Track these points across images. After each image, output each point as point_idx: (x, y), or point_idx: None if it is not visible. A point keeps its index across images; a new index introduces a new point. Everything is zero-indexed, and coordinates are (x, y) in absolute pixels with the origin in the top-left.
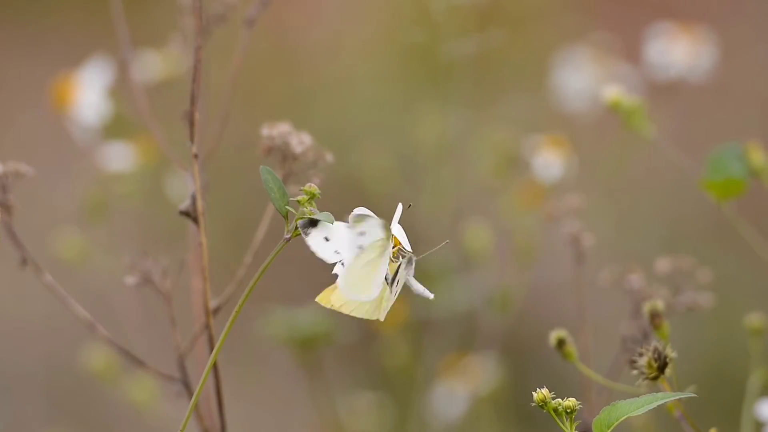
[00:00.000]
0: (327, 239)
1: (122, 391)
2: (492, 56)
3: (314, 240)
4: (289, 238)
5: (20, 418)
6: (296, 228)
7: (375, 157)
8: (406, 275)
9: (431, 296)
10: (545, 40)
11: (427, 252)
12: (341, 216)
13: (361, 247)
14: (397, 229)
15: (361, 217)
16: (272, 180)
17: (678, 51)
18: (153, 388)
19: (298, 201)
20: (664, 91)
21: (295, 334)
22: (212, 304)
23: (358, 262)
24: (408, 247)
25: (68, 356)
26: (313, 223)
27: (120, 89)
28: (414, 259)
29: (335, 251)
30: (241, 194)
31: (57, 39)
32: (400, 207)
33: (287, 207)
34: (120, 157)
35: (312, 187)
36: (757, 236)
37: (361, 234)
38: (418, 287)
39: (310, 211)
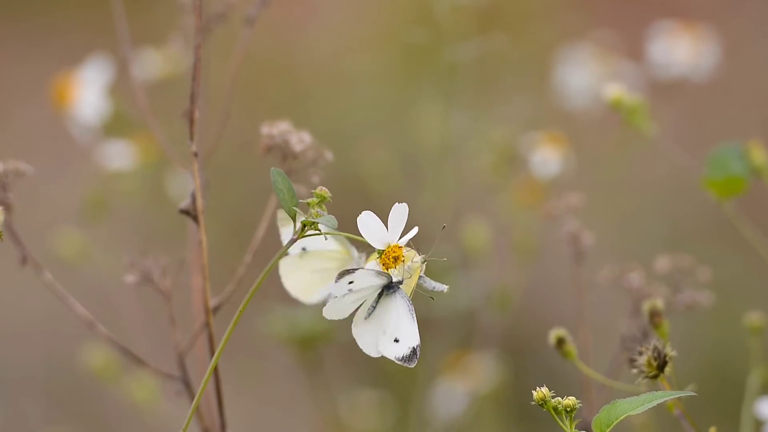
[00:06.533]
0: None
1: (122, 389)
2: (493, 55)
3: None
4: (296, 239)
5: (20, 418)
6: (302, 229)
7: (376, 155)
8: (418, 280)
9: (445, 288)
10: (546, 39)
11: (429, 254)
12: (342, 215)
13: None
14: (404, 240)
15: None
16: (282, 181)
17: (681, 50)
18: (153, 386)
19: (308, 203)
20: (666, 90)
21: (295, 332)
22: (212, 302)
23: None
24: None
25: (68, 356)
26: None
27: (120, 88)
28: (424, 263)
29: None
30: (241, 193)
31: (56, 37)
32: (416, 229)
33: (295, 209)
34: (120, 156)
35: (323, 190)
36: (758, 235)
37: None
38: (431, 284)
39: (317, 212)
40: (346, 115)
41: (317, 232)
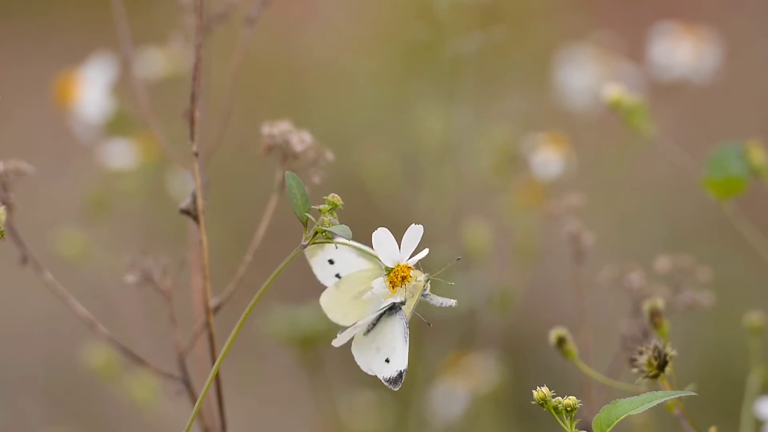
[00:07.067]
0: (331, 262)
1: (123, 389)
2: (494, 54)
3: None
4: (306, 245)
5: (20, 418)
6: (314, 235)
7: (375, 156)
8: (420, 297)
9: (453, 304)
10: (547, 39)
11: (435, 274)
12: (342, 216)
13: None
14: (413, 259)
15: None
16: (296, 186)
17: (682, 52)
18: (153, 386)
19: (320, 210)
20: (666, 91)
21: (295, 332)
22: (212, 302)
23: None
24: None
25: (68, 356)
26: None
27: (122, 87)
28: (428, 282)
29: (336, 275)
30: (241, 193)
31: (56, 37)
32: (426, 251)
33: (307, 214)
34: (122, 155)
35: (335, 197)
36: (758, 235)
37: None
38: (438, 300)
39: (329, 221)
40: (347, 115)
41: (327, 240)
